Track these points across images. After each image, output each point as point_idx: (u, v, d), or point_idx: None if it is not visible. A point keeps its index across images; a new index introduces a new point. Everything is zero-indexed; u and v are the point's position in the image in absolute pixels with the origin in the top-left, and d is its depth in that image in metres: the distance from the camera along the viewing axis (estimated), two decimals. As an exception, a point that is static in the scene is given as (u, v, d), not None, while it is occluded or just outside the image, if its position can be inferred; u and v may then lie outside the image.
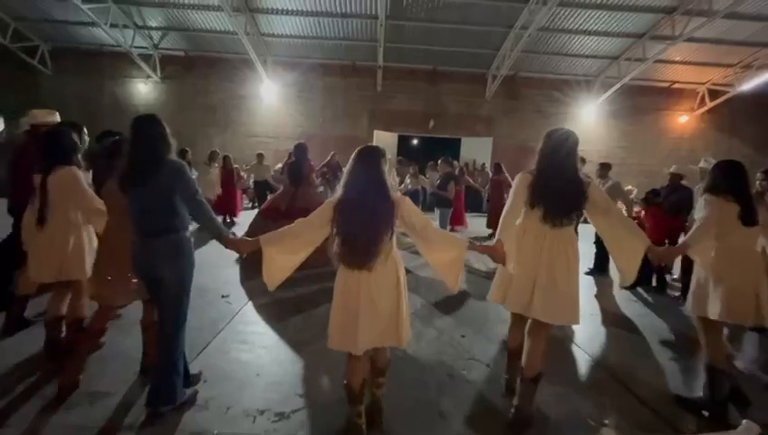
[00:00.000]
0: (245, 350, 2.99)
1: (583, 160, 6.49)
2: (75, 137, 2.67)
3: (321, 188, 7.27)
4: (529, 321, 2.20)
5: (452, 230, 7.77)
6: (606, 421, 1.09)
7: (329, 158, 7.66)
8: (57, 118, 3.34)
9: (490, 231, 7.85)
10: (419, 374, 2.76)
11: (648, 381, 2.81)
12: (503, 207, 2.26)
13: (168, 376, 2.13)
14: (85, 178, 2.68)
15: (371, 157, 1.94)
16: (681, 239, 2.90)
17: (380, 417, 2.18)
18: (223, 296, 4.03)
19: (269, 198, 6.97)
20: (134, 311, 2.69)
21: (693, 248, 2.38)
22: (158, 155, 2.04)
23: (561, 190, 2.07)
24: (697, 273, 2.46)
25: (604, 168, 5.73)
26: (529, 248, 2.11)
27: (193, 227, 2.27)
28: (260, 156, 9.27)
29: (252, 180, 10.02)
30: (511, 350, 2.50)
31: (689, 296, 2.49)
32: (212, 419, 2.18)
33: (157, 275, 2.07)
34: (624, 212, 4.17)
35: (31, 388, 2.36)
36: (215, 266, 4.99)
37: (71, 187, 2.48)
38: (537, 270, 2.08)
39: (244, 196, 10.90)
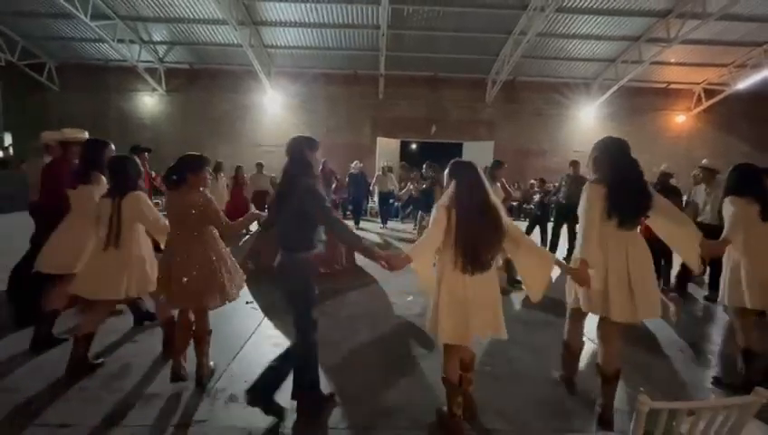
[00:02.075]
0: (278, 351, 3.08)
1: (577, 164, 6.70)
2: (138, 162, 2.85)
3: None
4: (601, 321, 2.27)
5: None
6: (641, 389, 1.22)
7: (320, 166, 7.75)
8: (86, 135, 3.49)
9: None
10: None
11: (664, 377, 2.96)
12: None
13: (304, 374, 2.30)
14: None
15: (476, 170, 2.14)
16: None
17: (476, 410, 2.34)
18: (247, 302, 4.16)
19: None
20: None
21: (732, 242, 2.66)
22: (295, 176, 2.15)
23: (635, 198, 2.18)
24: (729, 267, 2.72)
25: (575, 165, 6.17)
26: (615, 255, 2.16)
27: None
28: (259, 165, 9.23)
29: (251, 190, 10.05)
30: (573, 350, 2.62)
31: (723, 290, 2.74)
32: (258, 415, 2.31)
33: (281, 286, 2.26)
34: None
35: (82, 391, 2.50)
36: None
37: (141, 210, 2.65)
38: (630, 274, 2.13)
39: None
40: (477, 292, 2.05)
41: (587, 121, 13.78)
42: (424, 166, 6.70)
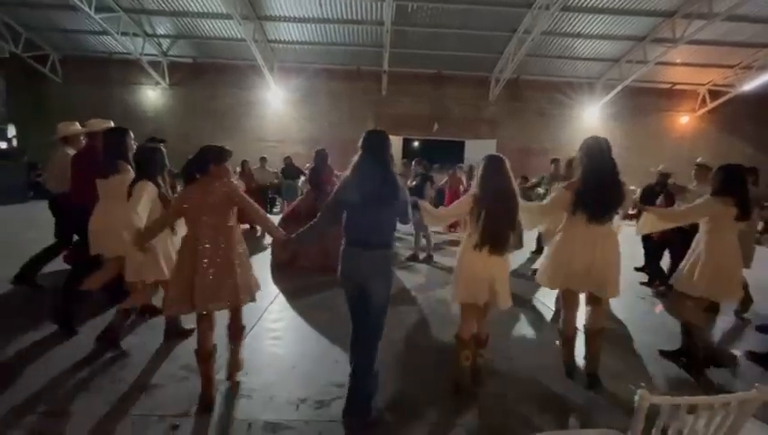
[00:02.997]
0: (278, 345, 3.14)
1: (557, 161, 6.76)
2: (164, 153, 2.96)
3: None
4: (585, 296, 2.70)
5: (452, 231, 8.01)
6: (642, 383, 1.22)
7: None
8: (111, 125, 3.56)
9: None
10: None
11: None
12: None
13: (366, 387, 2.16)
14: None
15: (504, 163, 2.41)
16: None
17: (481, 376, 2.66)
18: (248, 296, 4.18)
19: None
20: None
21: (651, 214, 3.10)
22: (394, 174, 2.13)
23: (605, 197, 2.49)
24: (691, 258, 2.94)
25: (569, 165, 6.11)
26: (582, 247, 2.56)
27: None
28: (263, 159, 9.27)
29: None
30: (569, 337, 2.81)
31: (679, 277, 2.97)
32: (258, 407, 2.33)
33: (368, 285, 2.12)
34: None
35: (85, 381, 2.52)
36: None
37: (135, 195, 2.70)
38: (594, 262, 2.53)
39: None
40: (494, 270, 2.40)
41: (590, 121, 13.73)
42: (413, 163, 6.63)
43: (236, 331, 2.53)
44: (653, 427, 1.18)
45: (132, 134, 3.26)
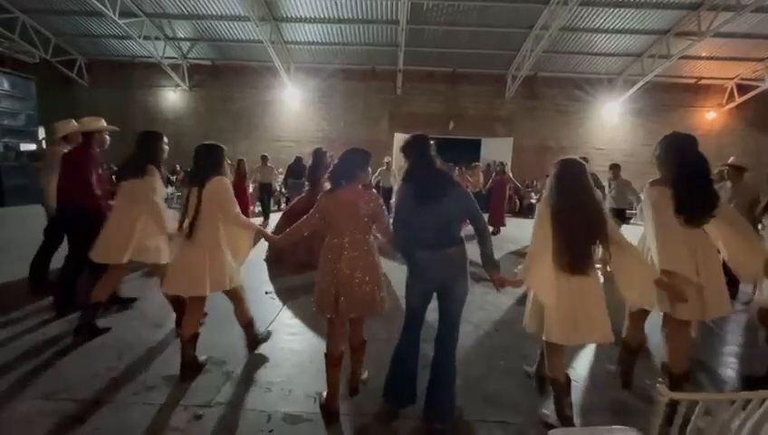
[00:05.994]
0: (296, 340, 3.20)
1: (585, 160, 6.66)
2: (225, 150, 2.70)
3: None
4: (666, 318, 2.22)
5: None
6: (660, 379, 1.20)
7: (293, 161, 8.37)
8: (104, 123, 3.57)
9: (492, 229, 8.05)
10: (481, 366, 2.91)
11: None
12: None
13: (450, 390, 2.13)
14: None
15: (583, 169, 2.10)
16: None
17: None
18: (266, 293, 4.28)
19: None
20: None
21: None
22: (446, 173, 2.17)
23: (703, 193, 2.12)
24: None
25: (615, 168, 6.52)
26: (685, 254, 2.09)
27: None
28: (264, 158, 9.16)
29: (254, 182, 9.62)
30: (633, 348, 2.54)
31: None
32: (277, 400, 2.39)
33: (450, 283, 2.09)
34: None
35: (111, 371, 2.63)
36: (253, 265, 5.26)
37: (221, 195, 2.53)
38: (699, 273, 2.08)
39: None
40: (583, 293, 2.03)
41: (610, 118, 13.43)
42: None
43: (359, 344, 2.45)
44: (672, 424, 1.17)
45: (166, 138, 3.18)
